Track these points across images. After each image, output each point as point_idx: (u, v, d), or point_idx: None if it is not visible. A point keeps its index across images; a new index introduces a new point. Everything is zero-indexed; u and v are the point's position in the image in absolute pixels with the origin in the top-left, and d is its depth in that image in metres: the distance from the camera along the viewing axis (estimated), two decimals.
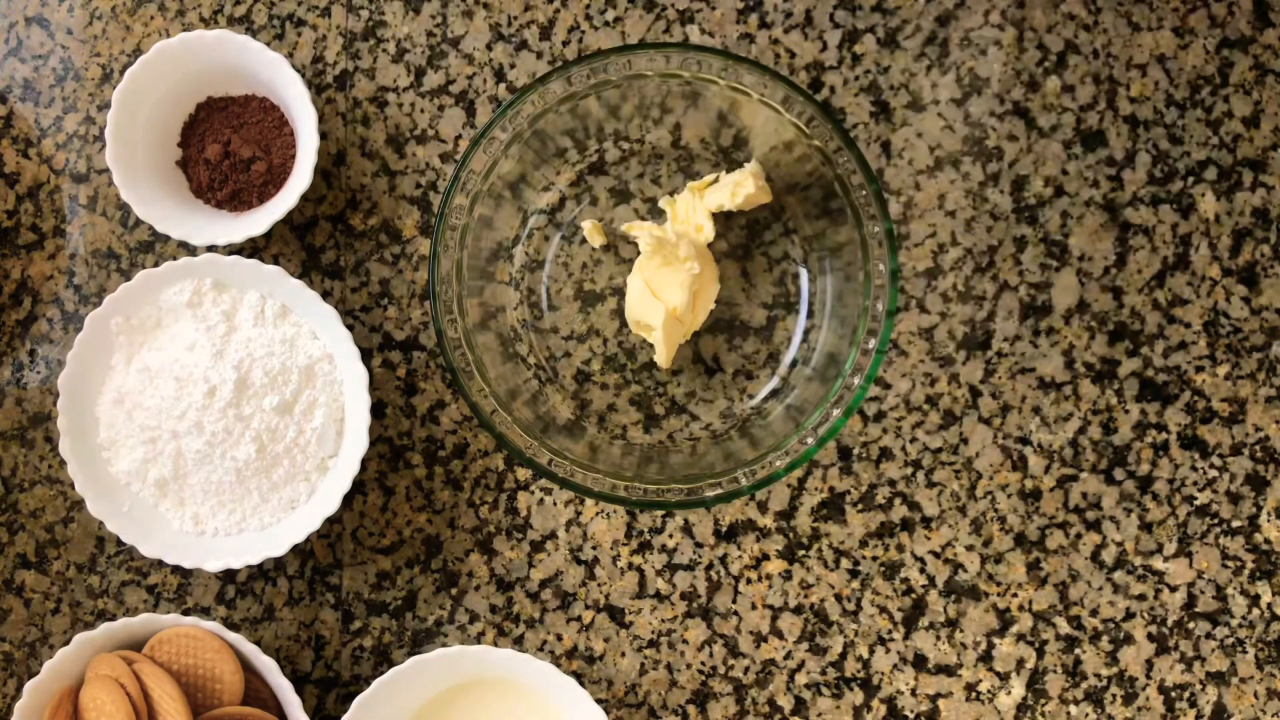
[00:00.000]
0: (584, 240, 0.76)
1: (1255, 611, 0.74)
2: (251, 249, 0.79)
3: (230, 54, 0.76)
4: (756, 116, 0.71)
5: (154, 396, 0.74)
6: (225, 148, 0.78)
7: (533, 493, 0.77)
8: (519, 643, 0.77)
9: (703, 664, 0.76)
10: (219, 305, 0.75)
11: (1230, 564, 0.75)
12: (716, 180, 0.74)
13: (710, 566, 0.76)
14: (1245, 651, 0.74)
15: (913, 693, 0.75)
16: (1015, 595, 0.75)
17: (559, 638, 0.76)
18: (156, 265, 0.77)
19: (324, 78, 0.80)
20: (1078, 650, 0.75)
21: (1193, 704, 0.74)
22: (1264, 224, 0.76)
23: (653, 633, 0.76)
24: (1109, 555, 0.75)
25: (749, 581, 0.76)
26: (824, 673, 0.75)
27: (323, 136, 0.80)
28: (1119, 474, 0.75)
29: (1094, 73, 0.76)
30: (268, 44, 0.80)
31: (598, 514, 0.77)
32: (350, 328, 0.77)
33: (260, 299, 0.76)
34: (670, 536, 0.76)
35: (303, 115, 0.75)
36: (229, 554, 0.74)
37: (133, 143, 0.76)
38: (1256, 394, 0.75)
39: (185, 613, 0.78)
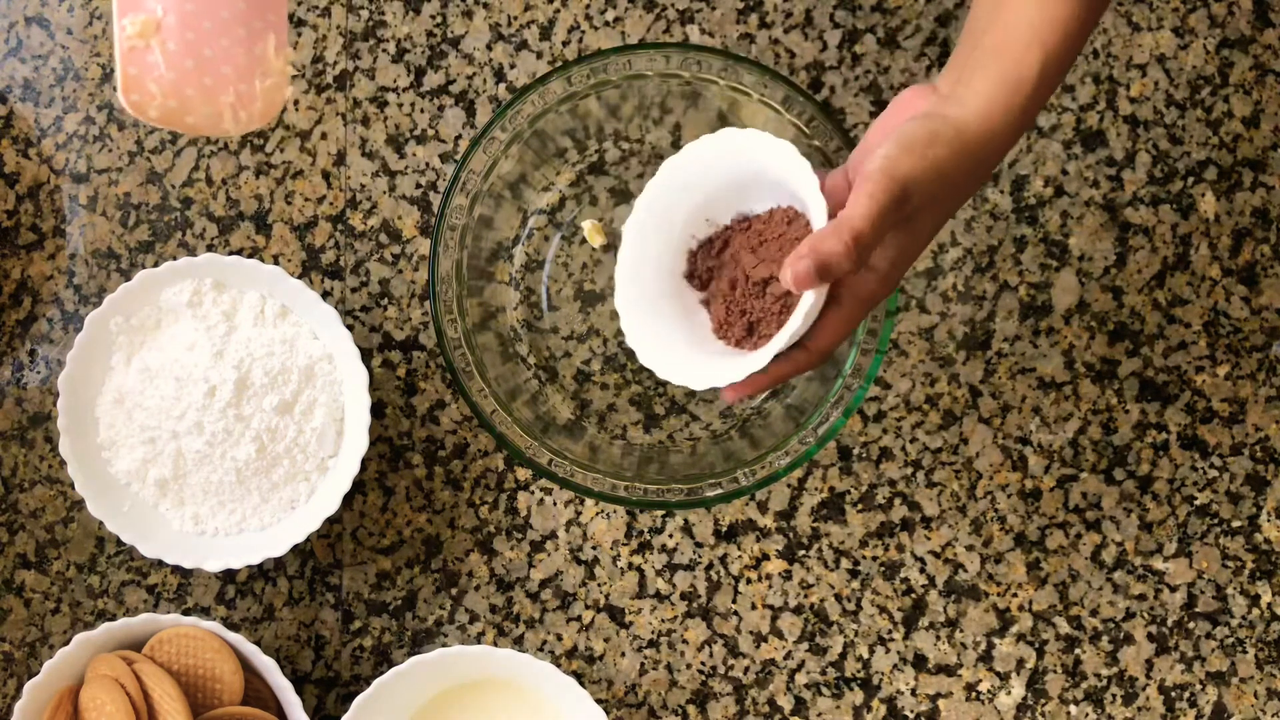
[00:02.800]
0: (584, 240, 0.76)
1: (1255, 611, 0.74)
2: (251, 249, 0.79)
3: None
4: (756, 116, 0.71)
5: (154, 396, 0.74)
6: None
7: (533, 493, 0.77)
8: (519, 643, 0.77)
9: (703, 664, 0.76)
10: (219, 305, 0.75)
11: (1230, 564, 0.75)
12: None
13: (710, 566, 0.76)
14: (1245, 651, 0.74)
15: (913, 693, 0.75)
16: (1015, 595, 0.75)
17: (559, 638, 0.76)
18: (156, 265, 0.77)
19: (324, 78, 0.80)
20: (1078, 650, 0.75)
21: (1193, 704, 0.74)
22: (1264, 224, 0.76)
23: (653, 633, 0.76)
24: (1109, 555, 0.75)
25: (749, 581, 0.76)
26: (824, 673, 0.75)
27: (322, 136, 0.80)
28: (1119, 474, 0.75)
29: (1094, 73, 0.76)
30: None
31: (598, 514, 0.77)
32: (350, 328, 0.77)
33: (260, 299, 0.76)
34: (670, 536, 0.76)
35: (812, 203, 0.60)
36: (229, 554, 0.74)
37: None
38: (1256, 394, 0.75)
39: (185, 613, 0.78)
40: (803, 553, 0.76)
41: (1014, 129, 0.57)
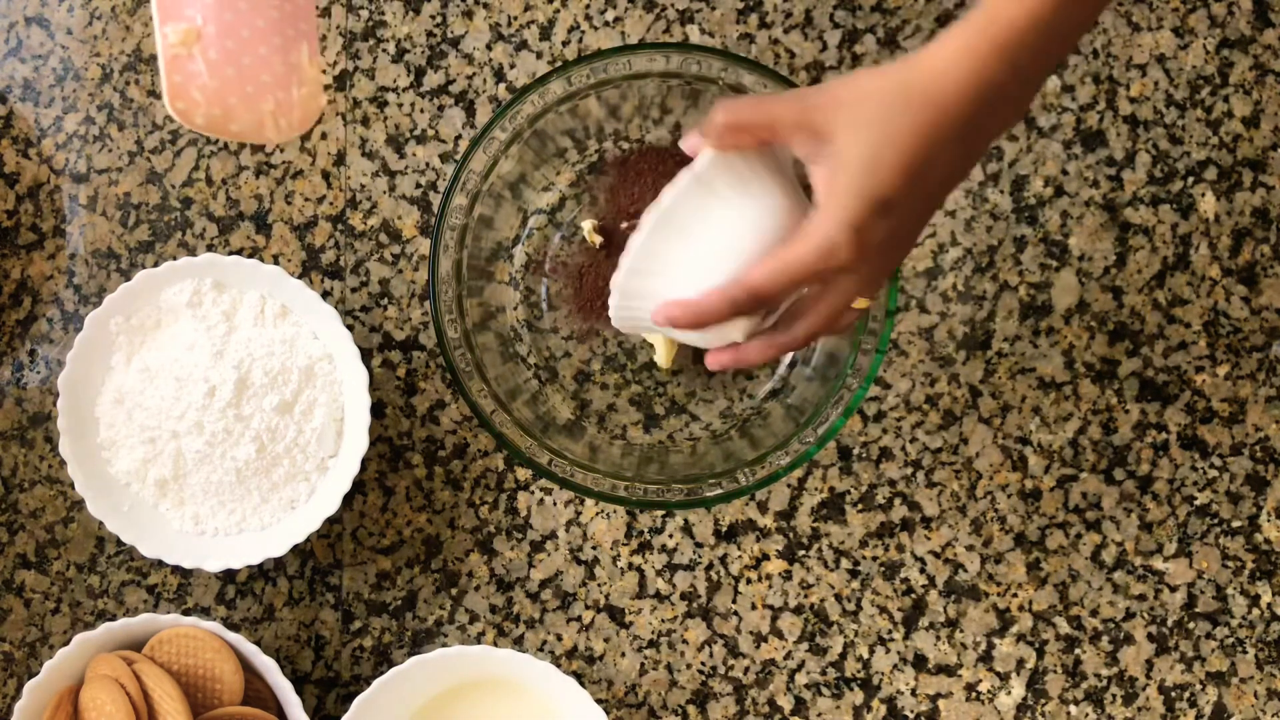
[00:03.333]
0: (584, 240, 0.76)
1: (1255, 611, 0.74)
2: (251, 249, 0.79)
3: None
4: None
5: (154, 396, 0.74)
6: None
7: (533, 493, 0.77)
8: (519, 643, 0.77)
9: (703, 664, 0.76)
10: (219, 305, 0.75)
11: (1230, 564, 0.75)
12: None
13: (710, 566, 0.76)
14: (1245, 651, 0.74)
15: (913, 693, 0.75)
16: (1015, 595, 0.75)
17: (559, 638, 0.76)
18: (156, 265, 0.77)
19: (324, 78, 0.80)
20: (1078, 650, 0.75)
21: (1193, 704, 0.74)
22: (1264, 224, 0.76)
23: (653, 633, 0.76)
24: (1109, 555, 0.75)
25: (749, 581, 0.76)
26: (824, 673, 0.75)
27: (322, 136, 0.80)
28: (1119, 474, 0.75)
29: (1094, 73, 0.76)
30: None
31: (598, 514, 0.77)
32: (350, 328, 0.77)
33: (260, 299, 0.76)
34: (670, 536, 0.76)
35: None
36: (229, 554, 0.74)
37: None
38: (1256, 394, 0.75)
39: (185, 613, 0.78)
40: (803, 553, 0.76)
41: (963, 69, 0.53)
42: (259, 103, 0.55)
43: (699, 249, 0.59)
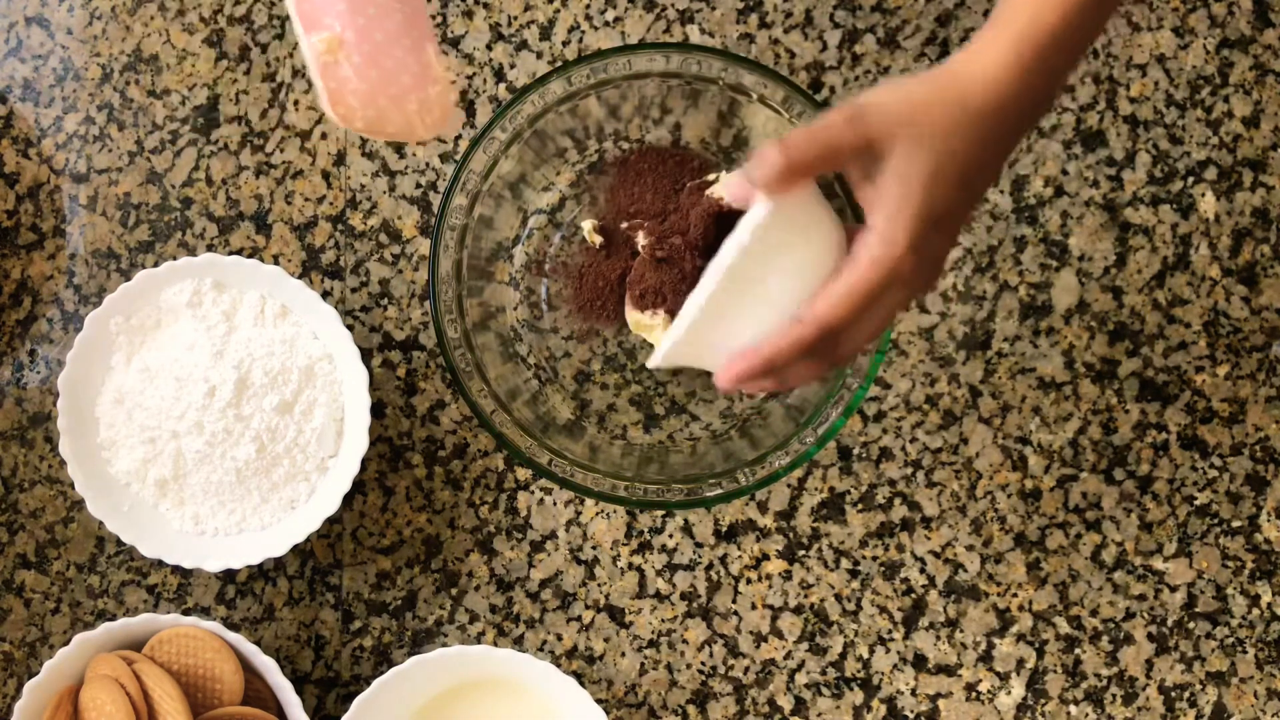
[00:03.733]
0: (584, 240, 0.76)
1: (1255, 611, 0.74)
2: (251, 249, 0.79)
3: None
4: (756, 116, 0.71)
5: (154, 396, 0.74)
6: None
7: (533, 493, 0.77)
8: (519, 643, 0.77)
9: (703, 664, 0.76)
10: (219, 305, 0.75)
11: (1230, 564, 0.74)
12: (716, 180, 0.74)
13: (710, 566, 0.76)
14: (1245, 651, 0.74)
15: (913, 693, 0.75)
16: (1015, 595, 0.75)
17: (559, 638, 0.76)
18: (156, 265, 0.77)
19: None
20: (1078, 650, 0.75)
21: (1193, 704, 0.74)
22: (1264, 224, 0.76)
23: (653, 633, 0.76)
24: (1109, 555, 0.75)
25: (749, 581, 0.76)
26: (824, 673, 0.75)
27: (322, 136, 0.80)
28: (1119, 474, 0.75)
29: (1094, 73, 0.76)
30: (267, 44, 0.80)
31: (598, 514, 0.77)
32: (350, 328, 0.77)
33: (260, 299, 0.76)
34: (670, 536, 0.76)
35: None
36: (229, 554, 0.74)
37: None
38: (1256, 394, 0.75)
39: (185, 613, 0.78)
40: (803, 553, 0.76)
41: (1012, 77, 0.53)
42: (404, 103, 0.57)
43: (768, 299, 0.56)
